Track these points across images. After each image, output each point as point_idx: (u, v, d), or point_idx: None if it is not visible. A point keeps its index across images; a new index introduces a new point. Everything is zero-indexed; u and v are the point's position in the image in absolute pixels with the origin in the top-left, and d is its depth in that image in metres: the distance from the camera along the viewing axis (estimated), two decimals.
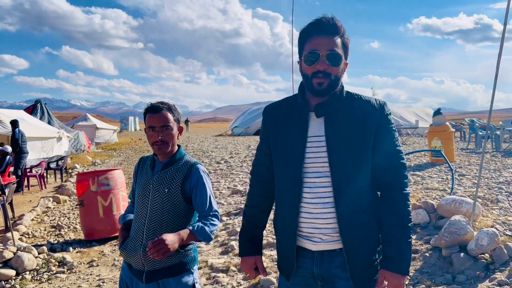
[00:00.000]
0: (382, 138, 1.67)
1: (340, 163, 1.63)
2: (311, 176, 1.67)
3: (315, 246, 1.69)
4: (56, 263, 5.12)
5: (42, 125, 17.45)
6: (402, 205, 1.67)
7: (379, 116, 1.67)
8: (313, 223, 1.68)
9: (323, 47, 1.62)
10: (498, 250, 3.83)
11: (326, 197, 1.65)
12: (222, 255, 4.82)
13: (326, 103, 1.67)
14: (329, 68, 1.62)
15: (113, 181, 6.04)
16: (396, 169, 1.69)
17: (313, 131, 1.68)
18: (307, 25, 1.68)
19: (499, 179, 7.47)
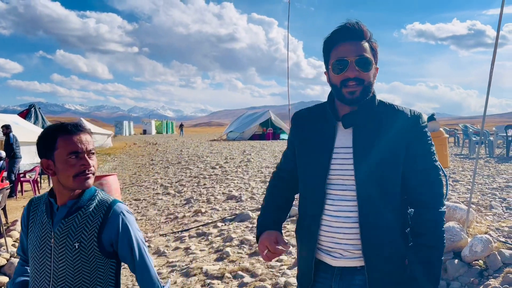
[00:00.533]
0: (417, 152, 1.56)
1: (367, 177, 1.53)
2: (335, 189, 1.59)
3: (335, 261, 1.61)
4: None
5: (36, 129, 17.36)
6: (435, 225, 1.55)
7: (413, 129, 1.56)
8: (334, 237, 1.59)
9: (351, 53, 1.52)
10: (492, 256, 3.84)
11: (350, 211, 1.56)
12: (217, 262, 4.81)
13: (354, 113, 1.57)
14: (360, 74, 1.52)
15: (108, 187, 6.02)
16: (432, 185, 1.57)
17: (341, 142, 1.59)
18: (331, 33, 1.59)
19: (492, 185, 7.52)
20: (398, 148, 1.54)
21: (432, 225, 1.55)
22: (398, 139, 1.54)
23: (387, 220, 1.55)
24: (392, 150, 1.54)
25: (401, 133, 1.55)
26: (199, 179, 10.94)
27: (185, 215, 7.28)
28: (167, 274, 4.64)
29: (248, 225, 6.08)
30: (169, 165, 14.74)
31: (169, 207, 8.16)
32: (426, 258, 1.53)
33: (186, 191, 9.47)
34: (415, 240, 1.57)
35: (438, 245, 1.55)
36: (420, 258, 1.54)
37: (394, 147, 1.54)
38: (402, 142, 1.54)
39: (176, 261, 5.03)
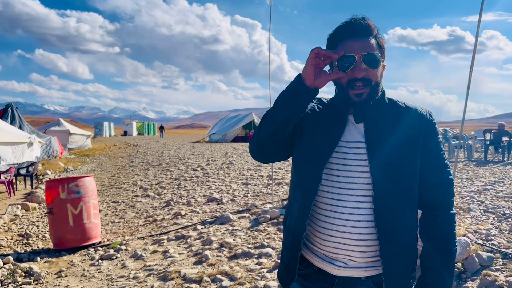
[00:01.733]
0: (430, 151, 1.48)
1: (384, 174, 1.41)
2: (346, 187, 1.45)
3: (337, 270, 1.48)
4: (23, 273, 4.91)
5: (13, 129, 16.93)
6: (448, 227, 1.47)
7: (427, 126, 1.48)
8: (340, 243, 1.45)
9: (358, 50, 1.40)
10: (470, 259, 3.86)
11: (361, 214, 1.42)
12: (195, 265, 4.72)
13: (366, 108, 1.46)
14: (368, 73, 1.40)
15: (84, 189, 5.86)
16: (444, 185, 1.48)
17: (350, 136, 1.47)
18: (335, 29, 1.47)
19: (471, 188, 7.61)
20: (415, 144, 1.45)
21: (447, 228, 1.47)
22: (415, 134, 1.46)
23: (406, 222, 1.45)
24: (409, 146, 1.44)
25: (417, 129, 1.46)
26: (179, 181, 10.80)
27: (165, 218, 7.16)
28: (144, 278, 4.52)
29: (228, 227, 6.00)
30: (150, 167, 14.54)
31: (148, 209, 8.02)
32: (438, 263, 1.46)
33: (166, 193, 9.33)
34: (426, 244, 1.49)
35: (449, 249, 1.47)
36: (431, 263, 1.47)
37: (411, 143, 1.45)
38: (419, 138, 1.46)
39: (154, 264, 4.92)
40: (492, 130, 13.18)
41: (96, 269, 5.06)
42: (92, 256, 5.52)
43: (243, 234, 5.64)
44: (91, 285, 4.57)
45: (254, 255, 4.79)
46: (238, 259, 4.74)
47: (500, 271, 3.75)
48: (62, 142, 22.94)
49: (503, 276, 3.63)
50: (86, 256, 5.56)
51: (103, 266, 5.13)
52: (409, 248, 1.47)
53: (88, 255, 5.60)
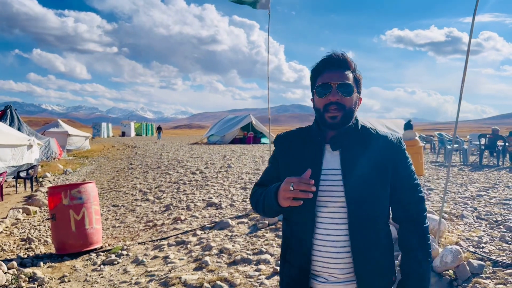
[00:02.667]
0: (401, 173, 1.67)
1: (357, 197, 1.59)
2: (324, 211, 1.62)
3: (320, 286, 1.65)
4: (26, 278, 5.03)
5: (12, 132, 17.00)
6: (423, 239, 1.67)
7: (397, 152, 1.67)
8: (321, 261, 1.63)
9: (334, 79, 1.61)
10: (461, 267, 4.00)
11: (339, 235, 1.60)
12: (195, 271, 4.85)
13: (342, 136, 1.65)
14: (342, 99, 1.60)
15: (86, 195, 5.99)
16: (416, 203, 1.69)
17: (329, 164, 1.64)
18: (318, 63, 1.69)
19: (465, 194, 7.76)
20: (385, 169, 1.63)
21: (422, 240, 1.67)
22: (385, 160, 1.64)
23: (377, 240, 1.63)
24: (380, 171, 1.62)
25: (387, 155, 1.65)
26: (179, 184, 10.93)
27: (164, 223, 7.29)
28: (146, 283, 4.65)
29: (228, 233, 6.13)
30: (149, 170, 14.66)
31: (148, 214, 8.14)
32: (416, 273, 1.65)
33: (165, 197, 9.45)
34: (404, 256, 1.69)
35: (425, 258, 1.67)
36: (410, 273, 1.66)
37: (381, 168, 1.63)
38: (389, 164, 1.64)
39: (155, 270, 5.04)
40: (487, 135, 13.36)
41: (98, 274, 5.18)
42: (94, 261, 5.64)
43: (242, 240, 5.77)
44: None
45: (253, 261, 4.92)
46: (237, 265, 4.87)
47: (490, 278, 3.89)
48: (60, 143, 23.02)
49: (493, 284, 3.78)
50: (88, 261, 5.69)
51: (105, 271, 5.26)
52: (384, 263, 1.65)
53: (90, 260, 5.73)
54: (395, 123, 28.99)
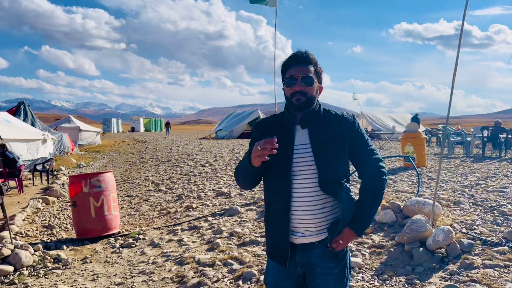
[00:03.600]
0: (359, 141, 2.07)
1: (325, 165, 1.97)
2: (298, 178, 1.99)
3: (298, 239, 2.02)
4: (51, 260, 5.46)
5: (27, 127, 17.55)
6: (378, 185, 2.07)
7: (352, 126, 2.06)
8: (298, 219, 2.00)
9: (298, 73, 2.01)
10: (452, 245, 4.35)
11: (312, 196, 1.98)
12: (208, 252, 5.25)
13: (309, 117, 2.04)
14: (305, 88, 2.00)
15: (105, 183, 6.41)
16: (374, 161, 2.08)
17: (300, 140, 2.03)
18: (286, 59, 2.09)
19: (464, 183, 8.07)
20: (344, 140, 2.03)
21: (376, 186, 2.06)
22: (343, 133, 2.04)
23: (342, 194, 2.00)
24: (340, 142, 2.02)
25: (344, 129, 2.05)
26: (189, 176, 11.35)
27: (177, 210, 7.71)
28: (162, 263, 5.06)
29: (237, 219, 6.53)
30: (160, 163, 15.11)
31: (161, 203, 8.58)
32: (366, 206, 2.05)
33: (177, 188, 9.88)
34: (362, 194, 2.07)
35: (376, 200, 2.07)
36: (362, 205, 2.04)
37: (341, 140, 2.03)
38: (347, 135, 2.04)
39: (170, 251, 5.46)
40: (490, 127, 13.60)
41: (117, 256, 5.61)
42: (113, 245, 6.07)
43: (250, 224, 6.16)
44: (114, 269, 5.12)
45: (261, 243, 5.31)
46: (246, 246, 5.27)
47: (478, 255, 4.24)
48: (72, 138, 23.58)
49: (480, 259, 4.12)
50: (107, 245, 6.12)
51: (123, 253, 5.68)
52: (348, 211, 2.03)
53: (109, 243, 6.16)
54: (402, 117, 29.19)
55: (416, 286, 3.83)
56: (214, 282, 4.31)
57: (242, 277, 4.34)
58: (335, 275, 2.06)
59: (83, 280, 4.81)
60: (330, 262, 2.05)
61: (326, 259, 2.04)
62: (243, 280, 4.29)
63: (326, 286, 2.04)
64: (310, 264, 2.05)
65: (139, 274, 4.82)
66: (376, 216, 5.49)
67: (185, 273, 4.60)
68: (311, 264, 2.05)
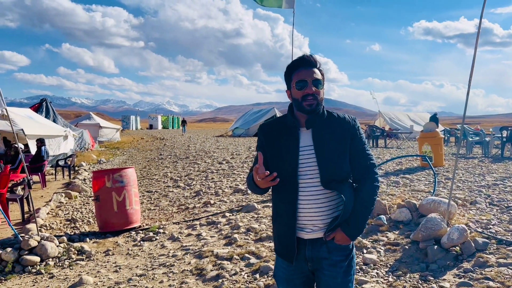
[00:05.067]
0: (357, 146, 2.14)
1: (327, 165, 2.05)
2: (304, 178, 2.07)
3: (307, 235, 2.11)
4: (76, 251, 5.69)
5: (49, 123, 17.99)
6: (370, 192, 2.13)
7: (353, 128, 2.13)
8: (306, 216, 2.09)
9: (308, 76, 2.08)
10: (467, 243, 4.41)
11: (317, 195, 2.07)
12: (226, 246, 5.40)
13: (313, 119, 2.10)
14: (316, 91, 2.08)
15: (127, 179, 6.62)
16: (368, 168, 2.15)
17: (304, 142, 2.11)
18: (292, 61, 2.16)
19: (481, 183, 8.05)
20: (345, 141, 2.11)
21: (370, 192, 2.13)
22: (344, 135, 2.11)
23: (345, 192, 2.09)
24: (340, 143, 2.10)
25: (345, 131, 2.12)
26: (207, 173, 11.54)
27: (196, 206, 7.89)
28: (182, 256, 5.23)
29: (254, 215, 6.67)
30: (178, 160, 15.35)
31: (180, 198, 8.77)
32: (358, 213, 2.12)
33: (195, 185, 10.07)
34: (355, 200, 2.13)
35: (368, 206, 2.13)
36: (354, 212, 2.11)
37: (342, 141, 2.10)
38: (347, 137, 2.11)
39: (190, 245, 5.63)
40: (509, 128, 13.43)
41: (139, 248, 5.80)
42: (134, 238, 6.28)
43: (267, 221, 6.29)
44: (136, 261, 5.31)
45: None
46: (263, 242, 5.40)
47: (493, 254, 4.29)
48: (93, 135, 24.05)
49: (495, 258, 4.17)
50: (129, 238, 6.33)
51: (144, 246, 5.88)
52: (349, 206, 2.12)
53: (131, 237, 6.36)
54: (420, 116, 28.94)
55: (430, 283, 3.90)
56: (232, 275, 4.45)
57: (259, 271, 4.47)
58: (344, 268, 2.15)
59: (106, 271, 5.00)
60: (338, 255, 2.14)
61: (334, 253, 2.14)
62: (260, 274, 4.42)
63: (334, 278, 2.14)
64: (318, 258, 2.14)
65: (159, 266, 4.99)
66: (392, 214, 5.57)
67: (204, 266, 4.76)
68: (320, 258, 2.14)
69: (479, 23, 4.76)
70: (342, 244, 2.14)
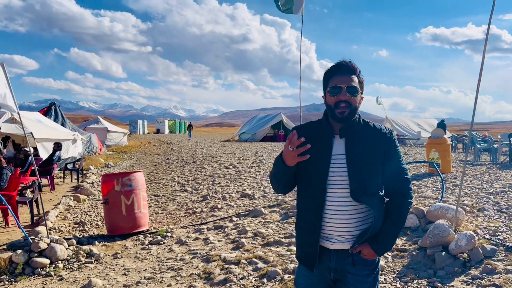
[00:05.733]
0: (392, 158, 2.07)
1: (357, 176, 1.98)
2: (333, 188, 2.01)
3: (332, 245, 2.06)
4: (84, 254, 5.74)
5: (58, 127, 18.16)
6: (402, 209, 2.08)
7: (388, 140, 2.07)
8: (333, 227, 2.03)
9: (343, 82, 2.01)
10: (475, 250, 4.40)
11: (345, 205, 2.00)
12: (233, 250, 5.43)
13: (347, 127, 2.04)
14: (350, 99, 2.00)
15: (135, 182, 6.68)
16: (403, 181, 2.09)
17: (336, 150, 2.04)
18: (330, 67, 2.10)
19: (489, 190, 8.02)
20: (379, 154, 2.05)
21: (403, 208, 2.08)
22: (379, 147, 2.05)
23: (375, 206, 2.02)
24: (374, 155, 2.03)
25: (381, 143, 2.06)
26: (214, 178, 11.58)
27: (203, 210, 7.93)
28: (190, 260, 5.27)
29: (261, 220, 6.69)
30: (185, 164, 15.42)
31: (187, 202, 8.82)
32: (388, 229, 2.07)
33: (202, 189, 10.12)
34: (386, 215, 2.08)
35: (398, 222, 2.08)
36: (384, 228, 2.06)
37: (376, 153, 2.04)
38: (382, 150, 2.06)
39: (197, 249, 5.66)
40: None
41: (147, 252, 5.85)
42: (142, 242, 6.32)
43: (274, 225, 6.31)
44: (144, 265, 5.35)
45: (285, 244, 5.46)
46: (271, 246, 5.42)
47: (501, 261, 4.28)
48: (100, 139, 24.22)
49: (503, 265, 4.17)
50: (137, 242, 6.37)
51: (152, 249, 5.92)
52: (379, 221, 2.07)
53: (139, 240, 6.41)
54: (427, 122, 28.85)
55: None
56: (239, 280, 4.48)
57: (267, 276, 4.50)
58: (369, 283, 2.10)
59: (115, 274, 5.05)
60: (364, 270, 2.09)
61: (359, 267, 2.08)
62: (267, 279, 4.44)
63: None
64: (343, 271, 2.09)
65: (167, 269, 5.03)
66: None
67: (212, 270, 4.79)
68: (344, 271, 2.08)
69: (487, 29, 4.78)
70: (368, 259, 2.09)
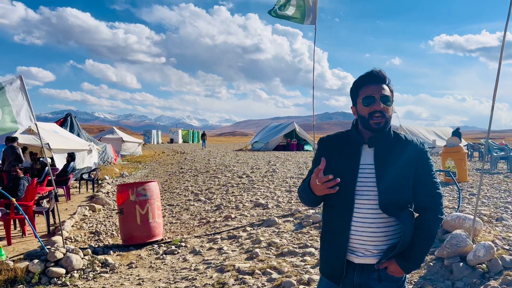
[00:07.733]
0: (423, 171, 1.99)
1: (386, 188, 1.91)
2: (361, 198, 1.94)
3: (357, 259, 1.98)
4: (100, 264, 5.78)
5: (74, 138, 18.41)
6: (432, 225, 1.99)
7: (420, 153, 1.99)
8: (359, 240, 1.96)
9: (376, 92, 1.96)
10: (493, 261, 4.32)
11: (373, 218, 1.93)
12: (247, 260, 5.41)
13: (378, 137, 1.98)
14: (384, 108, 1.95)
15: (150, 192, 6.72)
16: (433, 196, 2.00)
17: (365, 160, 1.98)
18: (360, 77, 2.04)
19: (507, 199, 7.88)
20: (409, 167, 1.97)
21: (432, 225, 1.99)
22: (409, 159, 1.98)
23: (404, 220, 1.94)
24: (404, 167, 1.96)
25: (412, 155, 1.99)
26: (227, 187, 11.60)
27: (216, 220, 7.93)
28: (204, 270, 5.26)
29: (275, 229, 6.67)
30: (198, 174, 15.48)
31: (201, 212, 8.84)
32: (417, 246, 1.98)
33: (216, 198, 10.13)
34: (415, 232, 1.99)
35: (428, 239, 1.99)
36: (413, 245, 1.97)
37: (406, 166, 1.97)
38: (413, 162, 1.98)
39: (211, 259, 5.66)
40: None
41: (161, 262, 5.86)
42: (156, 251, 6.34)
43: (288, 235, 6.28)
44: (158, 275, 5.36)
45: (299, 254, 5.42)
46: (285, 257, 5.39)
47: None
48: (115, 149, 24.46)
49: None
50: (151, 251, 6.40)
51: (167, 259, 5.93)
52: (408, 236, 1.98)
53: (153, 250, 6.44)
54: (442, 130, 28.53)
55: None
56: None
57: (281, 286, 4.46)
58: None
59: (130, 284, 5.07)
60: (389, 286, 2.03)
61: (386, 284, 2.01)
62: None
63: None
64: (367, 286, 2.02)
65: (182, 280, 5.03)
66: None
67: (226, 280, 4.77)
68: (369, 286, 2.02)
69: (504, 36, 4.73)
70: (394, 276, 2.02)
